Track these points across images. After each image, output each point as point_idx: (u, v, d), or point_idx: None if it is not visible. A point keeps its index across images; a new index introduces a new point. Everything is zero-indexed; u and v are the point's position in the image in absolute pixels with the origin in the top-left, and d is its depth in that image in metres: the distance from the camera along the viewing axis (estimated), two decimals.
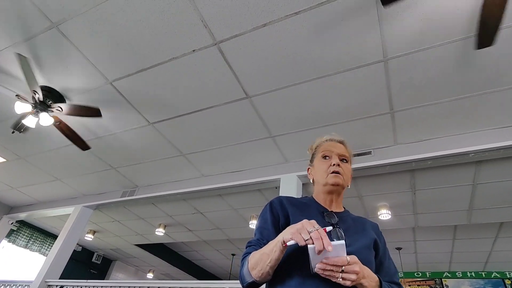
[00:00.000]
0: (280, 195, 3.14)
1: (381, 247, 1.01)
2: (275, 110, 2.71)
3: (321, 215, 1.00)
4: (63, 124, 2.97)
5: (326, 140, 1.15)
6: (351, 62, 2.21)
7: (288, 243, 0.75)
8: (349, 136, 2.90)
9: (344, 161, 1.09)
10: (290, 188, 3.12)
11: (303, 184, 3.30)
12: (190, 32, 2.13)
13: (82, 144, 3.19)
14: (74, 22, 2.15)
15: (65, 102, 2.86)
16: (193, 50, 2.25)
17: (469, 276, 5.78)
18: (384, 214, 3.88)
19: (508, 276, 5.55)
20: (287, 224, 0.93)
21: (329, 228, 0.76)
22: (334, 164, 1.04)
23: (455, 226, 4.39)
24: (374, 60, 2.18)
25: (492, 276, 5.64)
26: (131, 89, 2.66)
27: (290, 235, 0.75)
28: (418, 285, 6.07)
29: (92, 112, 2.78)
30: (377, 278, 0.84)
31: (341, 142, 1.14)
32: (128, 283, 3.44)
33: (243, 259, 0.92)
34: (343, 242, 0.74)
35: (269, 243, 0.84)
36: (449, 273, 5.93)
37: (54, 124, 2.91)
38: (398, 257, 5.50)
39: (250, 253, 0.90)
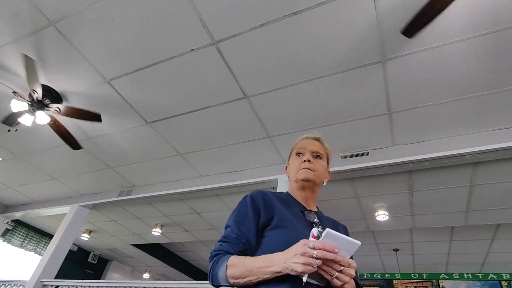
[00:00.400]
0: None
1: None
2: (273, 110, 2.70)
3: (302, 213, 1.00)
4: (58, 123, 2.94)
5: (303, 139, 1.17)
6: (349, 63, 2.21)
7: (304, 279, 0.70)
8: (346, 136, 2.90)
9: (318, 157, 1.09)
10: (287, 188, 3.11)
11: None
12: (188, 32, 2.12)
13: (74, 144, 3.17)
14: (71, 20, 2.13)
15: (62, 102, 2.84)
16: (191, 50, 2.24)
17: (465, 277, 5.79)
18: (382, 215, 3.88)
19: (505, 278, 5.57)
20: (268, 222, 0.90)
21: (314, 231, 0.75)
22: (305, 160, 1.06)
23: (452, 228, 4.40)
24: (372, 61, 2.17)
25: (489, 277, 5.66)
26: (129, 88, 2.65)
27: (298, 268, 0.68)
28: (415, 287, 6.07)
29: (93, 116, 2.78)
30: (354, 283, 0.85)
31: (317, 139, 1.16)
32: (124, 283, 3.42)
33: (217, 256, 0.83)
34: (358, 242, 0.72)
35: (258, 262, 0.77)
36: (446, 275, 5.94)
37: (49, 123, 2.88)
38: (395, 258, 5.51)
39: (228, 253, 0.83)
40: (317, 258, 0.67)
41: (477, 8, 1.80)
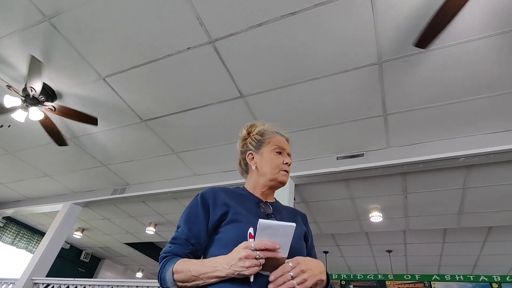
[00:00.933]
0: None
1: (309, 238, 1.04)
2: (269, 110, 2.70)
3: (257, 206, 0.98)
4: (48, 120, 2.89)
5: (276, 132, 1.13)
6: (346, 64, 2.21)
7: (252, 279, 0.71)
8: (342, 137, 2.91)
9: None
10: (282, 188, 3.11)
11: (295, 185, 3.30)
12: (185, 30, 2.10)
13: (60, 140, 3.12)
14: (67, 16, 2.11)
15: (56, 99, 2.81)
16: (188, 48, 2.23)
17: (457, 279, 5.85)
18: (376, 217, 3.90)
19: (495, 280, 5.64)
20: (220, 219, 0.89)
21: (251, 229, 0.76)
22: (287, 163, 1.04)
23: (445, 230, 4.44)
24: (369, 62, 2.18)
25: (480, 279, 5.72)
26: (124, 85, 2.62)
27: (245, 272, 0.69)
28: None
29: (89, 119, 2.77)
30: (323, 267, 0.82)
31: (287, 140, 1.15)
32: (117, 282, 3.39)
33: (165, 258, 0.84)
34: (293, 224, 0.71)
35: (203, 267, 0.76)
36: (438, 276, 5.99)
37: (54, 112, 2.81)
38: (388, 259, 5.54)
39: (176, 255, 0.84)
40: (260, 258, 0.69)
41: (486, 12, 1.81)
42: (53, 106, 2.73)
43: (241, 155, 1.13)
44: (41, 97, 2.68)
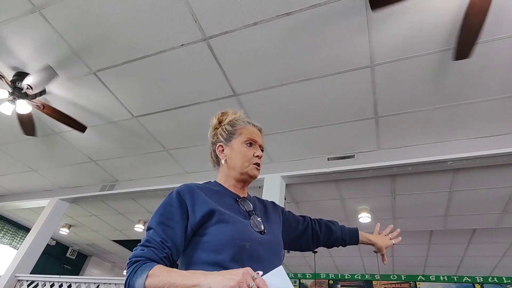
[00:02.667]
0: (263, 194, 3.14)
1: (290, 217, 1.10)
2: (261, 110, 2.70)
3: (236, 202, 0.94)
4: (49, 108, 2.75)
5: (248, 123, 1.05)
6: (339, 66, 2.23)
7: None
8: (333, 139, 2.93)
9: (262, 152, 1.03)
10: (273, 188, 3.13)
11: (286, 184, 3.31)
12: (179, 26, 2.08)
13: (78, 126, 2.89)
14: (57, 7, 2.06)
15: (45, 93, 2.75)
16: (182, 45, 2.21)
17: (442, 279, 5.98)
18: (364, 217, 3.95)
19: (478, 281, 5.78)
20: (202, 219, 0.82)
21: (261, 273, 0.66)
22: (258, 156, 0.99)
23: (431, 231, 4.53)
24: (362, 65, 2.21)
25: (463, 280, 5.86)
26: (116, 80, 2.58)
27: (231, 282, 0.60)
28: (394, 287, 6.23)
29: (78, 126, 2.73)
30: None
31: (260, 131, 1.06)
32: (104, 280, 3.34)
33: (137, 263, 0.72)
34: (280, 268, 0.67)
35: (182, 275, 0.66)
36: (423, 277, 6.11)
37: (41, 110, 2.74)
38: (376, 260, 5.62)
39: (150, 259, 0.73)
40: None
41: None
42: (42, 104, 2.67)
43: (212, 146, 1.08)
44: (30, 91, 2.62)
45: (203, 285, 0.62)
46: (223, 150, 1.02)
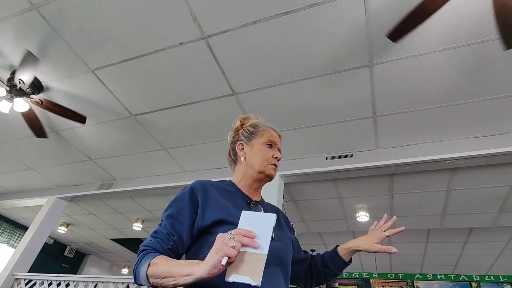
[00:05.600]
0: (261, 193, 3.14)
1: (296, 240, 1.09)
2: (260, 108, 2.70)
3: (247, 205, 0.94)
4: (47, 102, 2.72)
5: (269, 127, 1.10)
6: (337, 65, 2.24)
7: (224, 262, 0.61)
8: (331, 138, 2.94)
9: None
10: (271, 187, 3.13)
11: (285, 183, 3.32)
12: (178, 25, 2.08)
13: (78, 118, 2.82)
14: (55, 5, 2.05)
15: (43, 90, 2.73)
16: (181, 43, 2.21)
17: (439, 278, 6.02)
18: (362, 216, 3.96)
19: (475, 280, 5.82)
20: (214, 220, 0.83)
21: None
22: (277, 158, 1.01)
23: (429, 230, 4.56)
24: (360, 65, 2.21)
25: (460, 279, 5.90)
26: (114, 78, 2.58)
27: (219, 258, 0.60)
28: (391, 286, 6.26)
29: (78, 118, 2.71)
30: None
31: (280, 136, 1.12)
32: (102, 278, 3.34)
33: (143, 252, 0.78)
34: (273, 214, 0.68)
35: (179, 265, 0.69)
36: (420, 275, 6.15)
37: (40, 106, 2.72)
38: (373, 258, 5.65)
39: (155, 250, 0.78)
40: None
41: (457, 21, 1.86)
42: (40, 100, 2.66)
43: (231, 145, 1.10)
44: (28, 89, 2.61)
45: (195, 273, 0.65)
46: (243, 148, 1.05)
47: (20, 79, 2.44)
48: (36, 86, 2.66)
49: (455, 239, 4.69)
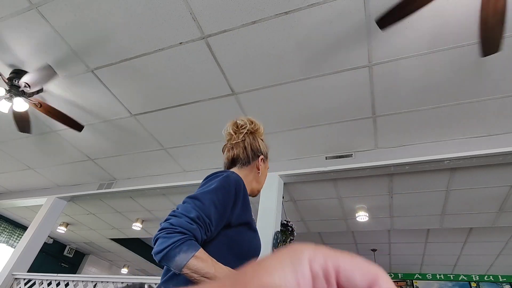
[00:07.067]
0: (260, 193, 3.14)
1: None
2: (260, 109, 2.70)
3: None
4: (46, 106, 2.74)
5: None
6: (338, 65, 2.24)
7: None
8: (331, 138, 2.94)
9: None
10: (271, 187, 3.13)
11: (284, 183, 3.32)
12: (178, 24, 2.08)
13: (75, 125, 2.87)
14: (55, 4, 2.05)
15: (43, 91, 2.73)
16: (180, 43, 2.21)
17: (438, 278, 6.02)
18: (362, 216, 3.97)
19: (474, 280, 5.83)
20: (239, 219, 0.84)
21: None
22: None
23: (428, 230, 4.56)
24: (360, 65, 2.21)
25: (460, 278, 5.90)
26: (114, 78, 2.57)
27: None
28: None
29: (75, 125, 2.72)
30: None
31: None
32: (101, 278, 3.34)
33: (186, 235, 0.71)
34: None
35: (224, 273, 0.70)
36: (420, 275, 6.15)
37: (38, 108, 2.73)
38: (373, 258, 5.65)
39: (196, 238, 0.73)
40: None
41: (454, 20, 1.86)
42: (40, 103, 2.65)
43: (250, 147, 1.08)
44: (28, 89, 2.61)
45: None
46: (264, 163, 1.09)
47: (26, 83, 2.44)
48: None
49: (455, 239, 4.70)
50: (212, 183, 0.84)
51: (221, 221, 0.80)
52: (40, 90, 2.72)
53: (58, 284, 3.49)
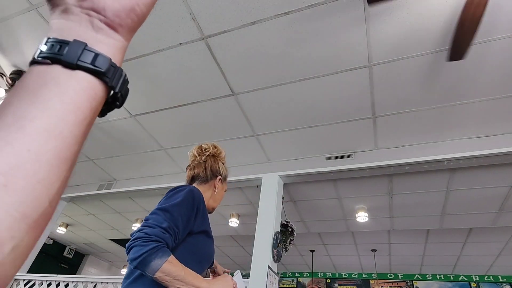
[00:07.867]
0: (261, 194, 3.14)
1: None
2: (260, 109, 2.70)
3: None
4: None
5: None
6: (337, 66, 2.24)
7: None
8: (331, 138, 2.94)
9: None
10: (271, 187, 3.13)
11: (284, 184, 3.32)
12: (177, 25, 2.08)
13: None
14: None
15: None
16: (180, 44, 2.21)
17: (438, 278, 6.02)
18: (362, 217, 3.97)
19: (474, 280, 5.83)
20: (198, 228, 0.98)
21: (238, 271, 1.14)
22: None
23: (428, 230, 4.56)
24: (360, 65, 2.21)
25: (459, 279, 5.91)
26: None
27: None
28: (390, 286, 6.26)
29: None
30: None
31: None
32: (101, 279, 3.34)
33: (160, 243, 0.81)
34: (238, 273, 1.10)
35: (194, 276, 0.84)
36: (420, 275, 6.15)
37: None
38: (373, 258, 5.65)
39: (167, 245, 0.83)
40: None
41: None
42: None
43: (210, 167, 1.18)
44: None
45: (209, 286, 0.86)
46: (220, 183, 1.19)
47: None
48: None
49: (455, 239, 4.70)
50: (178, 196, 0.95)
51: (186, 229, 0.92)
52: None
53: (58, 285, 3.48)
